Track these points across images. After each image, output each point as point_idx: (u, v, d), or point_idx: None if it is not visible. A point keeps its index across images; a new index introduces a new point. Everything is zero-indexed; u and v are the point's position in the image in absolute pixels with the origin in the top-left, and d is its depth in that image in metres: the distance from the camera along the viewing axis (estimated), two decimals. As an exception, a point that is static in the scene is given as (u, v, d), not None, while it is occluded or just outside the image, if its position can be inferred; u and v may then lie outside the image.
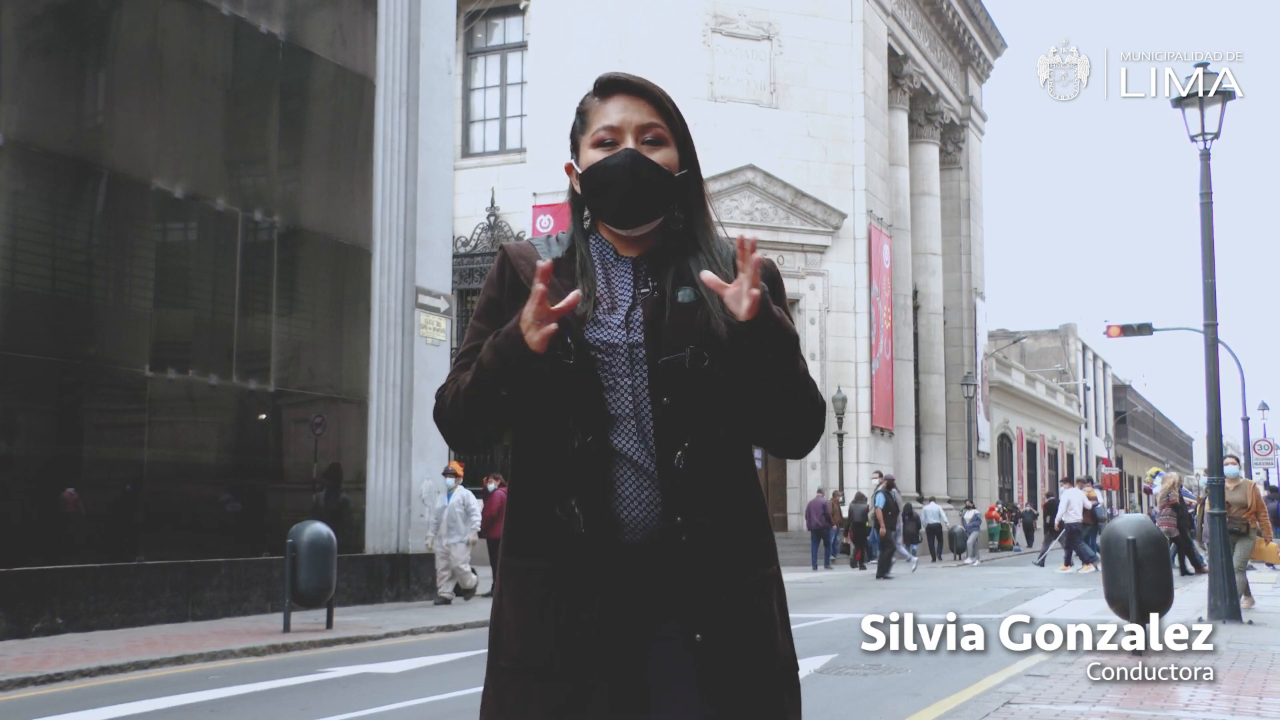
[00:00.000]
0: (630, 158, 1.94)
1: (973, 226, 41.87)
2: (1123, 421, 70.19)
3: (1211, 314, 13.09)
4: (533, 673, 1.91)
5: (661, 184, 1.95)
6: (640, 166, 1.94)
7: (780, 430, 1.98)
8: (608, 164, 1.95)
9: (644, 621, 1.92)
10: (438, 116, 16.42)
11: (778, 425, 1.97)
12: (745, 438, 1.99)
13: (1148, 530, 9.21)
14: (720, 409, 1.94)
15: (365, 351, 15.15)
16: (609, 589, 1.90)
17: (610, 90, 1.99)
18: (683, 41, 28.54)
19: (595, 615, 1.89)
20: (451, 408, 1.96)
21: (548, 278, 1.81)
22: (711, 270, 1.95)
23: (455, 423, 1.97)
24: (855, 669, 8.73)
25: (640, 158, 1.94)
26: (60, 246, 11.65)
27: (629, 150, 1.95)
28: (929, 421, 36.52)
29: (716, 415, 1.94)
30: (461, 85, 29.14)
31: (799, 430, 1.98)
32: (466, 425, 1.97)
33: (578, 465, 1.91)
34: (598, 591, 1.89)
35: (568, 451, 1.91)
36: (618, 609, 1.90)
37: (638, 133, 1.97)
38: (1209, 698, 6.96)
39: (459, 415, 1.95)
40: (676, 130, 2.00)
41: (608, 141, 1.97)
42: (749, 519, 1.98)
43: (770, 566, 2.01)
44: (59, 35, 11.81)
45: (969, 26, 39.91)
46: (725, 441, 1.96)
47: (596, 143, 1.98)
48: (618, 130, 1.97)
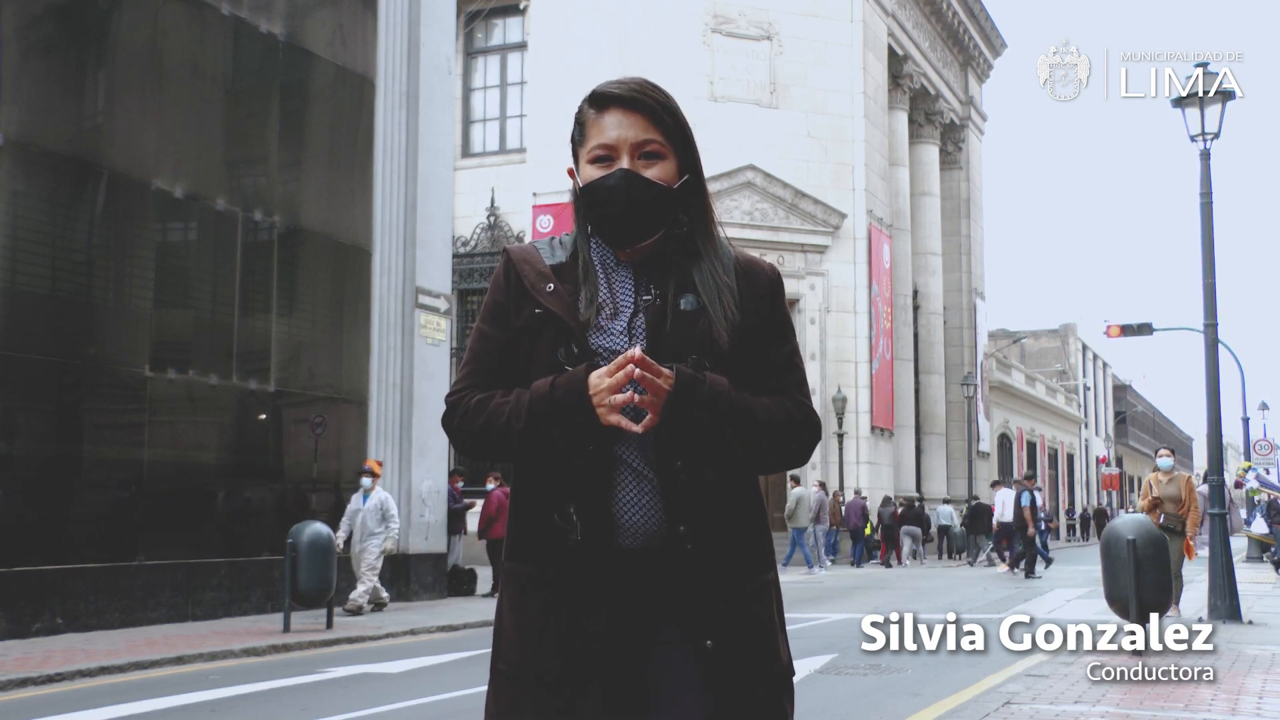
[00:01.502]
0: (625, 180, 1.92)
1: (973, 226, 41.87)
2: (1123, 421, 70.18)
3: (1211, 314, 13.09)
4: (530, 678, 1.92)
5: (657, 201, 1.94)
6: (635, 188, 1.92)
7: (756, 464, 1.99)
8: (604, 184, 1.93)
9: (644, 627, 1.92)
10: (438, 116, 16.41)
11: (751, 463, 1.98)
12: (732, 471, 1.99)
13: (1148, 530, 9.21)
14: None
15: (365, 351, 15.15)
16: (610, 597, 1.90)
17: (605, 104, 1.97)
18: (683, 41, 28.53)
19: (597, 626, 1.89)
20: (481, 435, 1.95)
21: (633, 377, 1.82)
22: (713, 275, 1.97)
23: (487, 446, 1.97)
24: (855, 669, 8.73)
25: (635, 178, 1.92)
26: (60, 246, 11.65)
27: (623, 171, 1.93)
28: (929, 421, 36.52)
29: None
30: (461, 85, 29.12)
31: (778, 459, 1.99)
32: (503, 455, 1.97)
33: (579, 472, 1.91)
34: (598, 599, 1.89)
35: (571, 460, 1.91)
36: (618, 615, 1.90)
37: (633, 150, 1.94)
38: (1209, 698, 6.96)
39: (491, 447, 1.95)
40: (675, 137, 1.98)
41: (603, 159, 1.95)
42: (750, 526, 1.99)
43: (769, 573, 2.02)
44: (59, 35, 11.81)
45: (969, 26, 39.90)
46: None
47: (593, 159, 1.96)
48: (613, 148, 1.95)
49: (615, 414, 1.83)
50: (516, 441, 1.90)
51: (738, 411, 1.88)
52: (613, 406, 1.83)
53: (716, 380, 1.88)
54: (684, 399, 1.84)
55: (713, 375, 1.88)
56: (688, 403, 1.84)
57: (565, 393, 1.85)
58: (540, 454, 1.92)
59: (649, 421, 1.84)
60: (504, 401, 1.93)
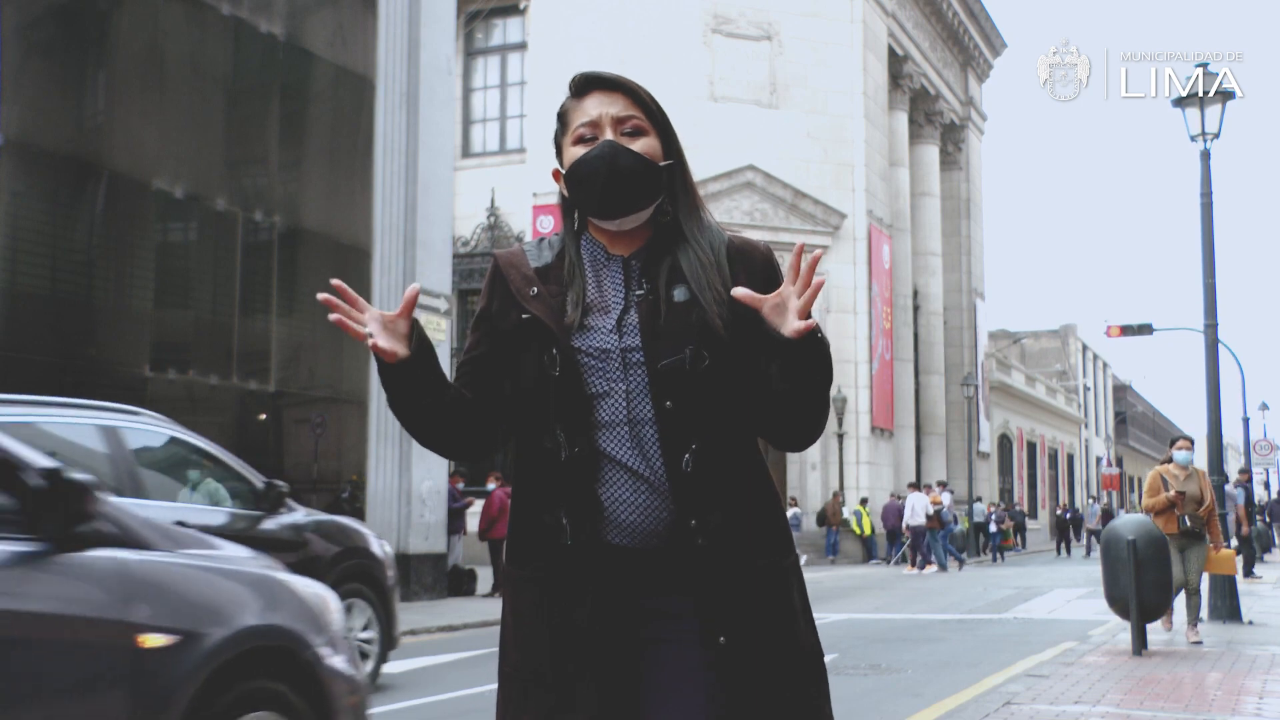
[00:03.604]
0: (609, 147, 1.95)
1: (973, 226, 41.88)
2: (1123, 421, 70.19)
3: (1211, 314, 13.10)
4: (529, 679, 1.93)
5: (643, 171, 1.95)
6: (619, 154, 1.94)
7: (787, 427, 1.99)
8: (588, 156, 1.95)
9: (636, 624, 1.92)
10: (438, 116, 16.42)
11: (786, 422, 1.98)
12: (749, 430, 1.99)
13: (1148, 530, 9.20)
14: (725, 408, 1.94)
15: (365, 352, 15.04)
16: (599, 595, 1.90)
17: (585, 89, 2.00)
18: (682, 41, 28.54)
19: (585, 622, 1.89)
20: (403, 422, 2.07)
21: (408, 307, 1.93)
22: (702, 261, 1.97)
23: (416, 433, 2.07)
24: (855, 669, 8.73)
25: (619, 146, 1.95)
26: (60, 246, 11.66)
27: (608, 140, 1.96)
28: (929, 422, 36.54)
29: (722, 415, 1.94)
30: (461, 85, 29.14)
31: (806, 428, 2.00)
32: (414, 434, 2.08)
33: (565, 474, 1.91)
34: (587, 598, 1.89)
35: (556, 461, 1.92)
36: (611, 614, 1.90)
37: (615, 124, 1.97)
38: (1209, 698, 6.96)
39: (410, 426, 2.06)
40: (657, 121, 2.00)
41: (588, 137, 1.98)
42: (763, 512, 1.97)
43: (789, 557, 2.00)
44: (59, 35, 11.82)
45: (969, 26, 39.91)
46: (732, 438, 1.95)
47: (577, 140, 1.99)
48: (596, 124, 1.97)
49: (370, 343, 1.92)
50: (394, 411, 2.02)
51: (828, 357, 1.95)
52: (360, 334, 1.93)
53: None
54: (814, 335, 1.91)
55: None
56: (814, 335, 1.91)
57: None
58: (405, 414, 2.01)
59: (806, 324, 1.88)
60: None
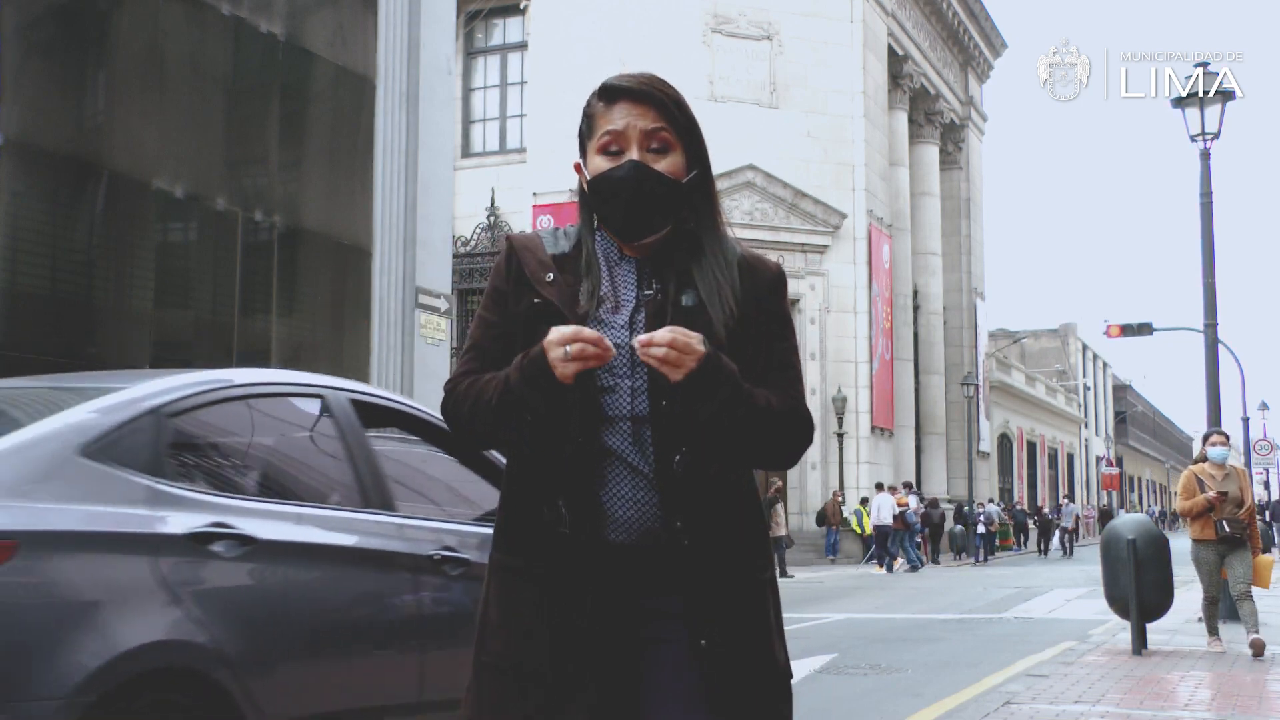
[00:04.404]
0: (634, 171, 1.91)
1: (973, 226, 41.88)
2: (1123, 421, 70.22)
3: (1211, 314, 13.10)
4: (515, 672, 1.91)
5: (667, 195, 1.93)
6: (644, 179, 1.91)
7: (755, 456, 1.98)
8: (613, 176, 1.93)
9: (634, 623, 1.91)
10: (438, 116, 16.41)
11: (750, 454, 1.97)
12: (730, 462, 1.98)
13: (1148, 530, 9.20)
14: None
15: (365, 352, 15.15)
16: (600, 595, 1.89)
17: (615, 97, 1.96)
18: (683, 41, 28.53)
19: (586, 623, 1.88)
20: (470, 417, 1.95)
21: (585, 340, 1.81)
22: (716, 271, 1.96)
23: (472, 433, 1.97)
24: (855, 669, 8.72)
25: (645, 170, 1.92)
26: (60, 246, 11.65)
27: (633, 163, 1.92)
28: (929, 421, 36.53)
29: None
30: (461, 85, 29.13)
31: (775, 453, 1.98)
32: (484, 439, 1.98)
33: (569, 466, 1.90)
34: (588, 598, 1.88)
35: (560, 452, 1.91)
36: (607, 610, 1.90)
37: (643, 140, 1.94)
38: (1209, 698, 6.96)
39: (478, 428, 1.95)
40: (683, 132, 1.97)
41: (613, 149, 1.95)
42: (747, 524, 1.98)
43: (767, 572, 2.01)
44: (59, 35, 11.81)
45: (969, 26, 39.91)
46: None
47: (602, 149, 1.96)
48: (622, 136, 1.94)
49: (570, 365, 1.81)
50: (494, 416, 1.90)
51: (745, 395, 1.88)
52: (564, 357, 1.81)
53: (730, 364, 1.88)
54: (711, 368, 1.82)
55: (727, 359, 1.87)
56: (714, 371, 1.83)
57: (531, 357, 1.86)
58: (517, 429, 1.90)
59: (674, 376, 1.81)
60: (491, 379, 1.93)
